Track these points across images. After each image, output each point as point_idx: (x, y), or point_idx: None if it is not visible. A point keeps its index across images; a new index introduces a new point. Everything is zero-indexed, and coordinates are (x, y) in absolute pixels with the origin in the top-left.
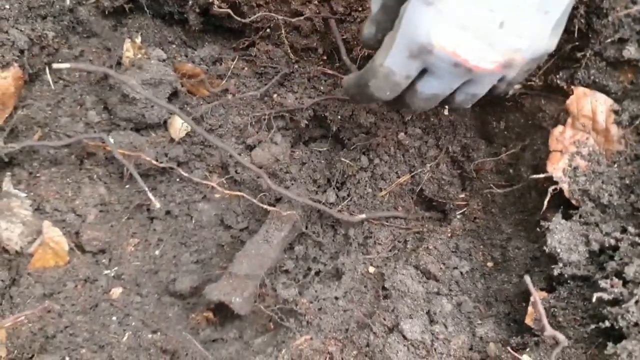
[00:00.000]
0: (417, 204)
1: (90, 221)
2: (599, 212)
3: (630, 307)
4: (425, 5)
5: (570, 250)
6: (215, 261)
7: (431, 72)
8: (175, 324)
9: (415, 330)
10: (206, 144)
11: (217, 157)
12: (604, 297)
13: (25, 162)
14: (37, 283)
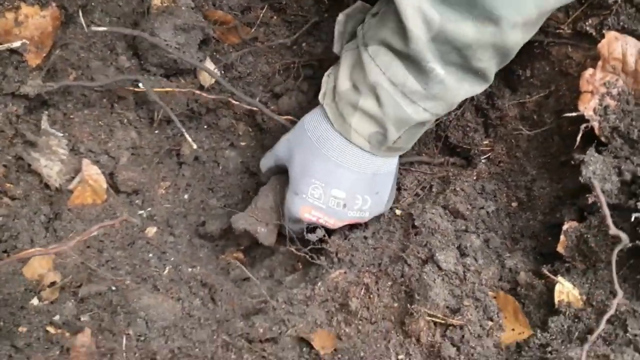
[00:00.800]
0: (441, 152)
1: (123, 163)
2: (628, 147)
3: None
4: (295, 195)
5: (604, 179)
6: (241, 207)
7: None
8: (206, 264)
9: (449, 262)
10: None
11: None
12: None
13: (60, 103)
14: (77, 219)
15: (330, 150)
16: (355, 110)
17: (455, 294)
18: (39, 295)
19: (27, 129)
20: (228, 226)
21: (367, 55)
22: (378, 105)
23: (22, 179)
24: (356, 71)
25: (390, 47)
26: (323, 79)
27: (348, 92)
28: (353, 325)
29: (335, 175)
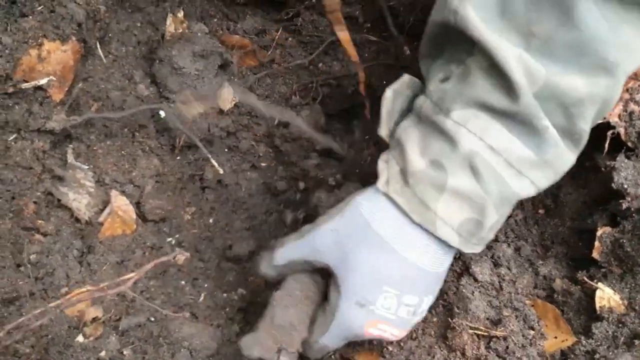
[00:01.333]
0: None
1: (148, 191)
2: None
3: None
4: (359, 307)
5: (637, 184)
6: (265, 227)
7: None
8: (237, 287)
9: (485, 273)
10: (253, 114)
11: (263, 127)
12: None
13: (83, 136)
14: (109, 251)
15: (409, 249)
16: (442, 193)
17: (494, 305)
18: (82, 332)
19: (54, 164)
20: (254, 247)
21: (451, 122)
22: (476, 180)
23: (52, 215)
24: (433, 146)
25: (488, 107)
26: (379, 166)
27: (427, 171)
28: (395, 342)
29: (411, 279)
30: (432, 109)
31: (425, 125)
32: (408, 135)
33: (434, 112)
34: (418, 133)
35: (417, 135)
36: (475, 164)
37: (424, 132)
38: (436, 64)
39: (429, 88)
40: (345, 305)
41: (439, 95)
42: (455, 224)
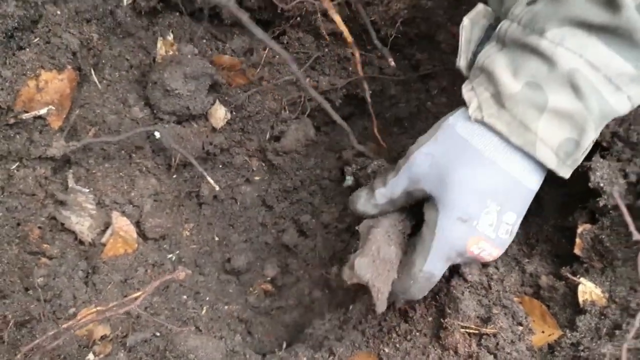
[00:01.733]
0: None
1: (147, 210)
2: (629, 150)
3: None
4: (461, 222)
5: (612, 182)
6: (262, 239)
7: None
8: (237, 298)
9: (474, 273)
10: (245, 130)
11: (255, 142)
12: None
13: (82, 160)
14: (113, 270)
15: (511, 163)
16: (542, 113)
17: (484, 304)
18: (92, 350)
19: (56, 189)
20: (252, 260)
21: (546, 42)
22: (577, 98)
23: (57, 238)
24: (527, 68)
25: (585, 23)
26: (465, 95)
27: (525, 93)
28: (390, 344)
29: (512, 194)
30: (521, 32)
31: (513, 48)
32: (494, 61)
33: (525, 34)
34: (506, 58)
35: (506, 60)
36: (576, 81)
37: (514, 55)
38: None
39: (513, 12)
40: (446, 221)
41: (528, 17)
42: (555, 145)
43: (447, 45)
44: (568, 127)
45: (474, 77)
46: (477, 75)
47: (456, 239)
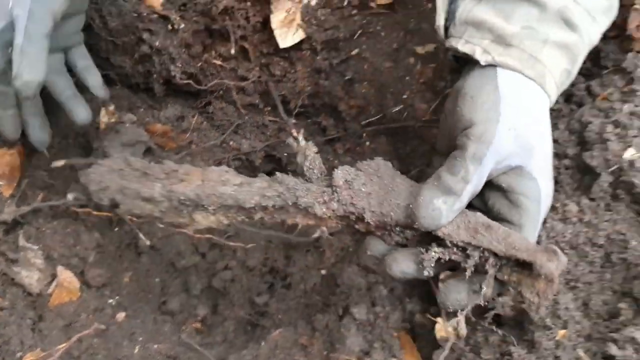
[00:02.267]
0: None
1: (90, 262)
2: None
3: None
4: (553, 182)
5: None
6: (195, 282)
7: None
8: (171, 336)
9: (362, 312)
10: None
11: None
12: None
13: (33, 220)
14: (58, 317)
15: (536, 102)
16: (545, 44)
17: (367, 339)
18: None
19: (8, 249)
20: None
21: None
22: (572, 30)
23: (7, 291)
24: (517, 14)
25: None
26: (464, 49)
27: (526, 31)
28: None
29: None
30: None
31: (493, 1)
32: (479, 13)
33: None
34: (490, 8)
35: (492, 10)
36: (567, 16)
37: (499, 5)
38: None
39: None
40: (546, 187)
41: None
42: (557, 75)
43: (347, 114)
44: (566, 58)
45: (460, 32)
46: (464, 31)
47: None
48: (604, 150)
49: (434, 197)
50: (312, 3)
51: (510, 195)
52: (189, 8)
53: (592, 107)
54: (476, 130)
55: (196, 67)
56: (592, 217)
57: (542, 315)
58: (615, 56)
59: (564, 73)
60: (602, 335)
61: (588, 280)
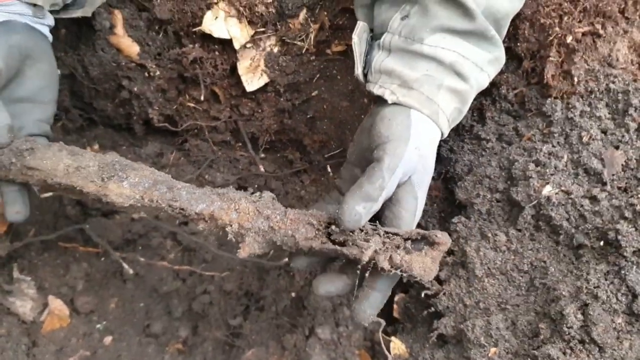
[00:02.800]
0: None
1: (79, 290)
2: None
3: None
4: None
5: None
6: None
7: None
8: (155, 357)
9: (326, 332)
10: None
11: (168, 227)
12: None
13: (25, 254)
14: (50, 342)
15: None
16: (439, 89)
17: (331, 357)
18: None
19: (2, 281)
20: (167, 324)
21: (427, 47)
22: (462, 80)
23: (3, 320)
24: (419, 66)
25: (451, 30)
26: (376, 91)
27: (426, 77)
28: None
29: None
30: (404, 42)
31: (400, 54)
32: (389, 64)
33: (408, 43)
34: (397, 60)
35: (399, 62)
36: (458, 69)
37: (404, 59)
38: (382, 9)
39: (392, 26)
40: (423, 199)
41: (407, 30)
42: (448, 113)
43: (311, 148)
44: (457, 99)
45: (375, 79)
46: (378, 77)
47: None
48: (527, 187)
49: (355, 204)
50: (275, 51)
51: (394, 208)
52: (164, 57)
53: (519, 147)
54: (391, 146)
55: (172, 109)
56: (519, 246)
57: (477, 335)
58: (537, 100)
59: (455, 111)
60: (526, 352)
61: (516, 302)
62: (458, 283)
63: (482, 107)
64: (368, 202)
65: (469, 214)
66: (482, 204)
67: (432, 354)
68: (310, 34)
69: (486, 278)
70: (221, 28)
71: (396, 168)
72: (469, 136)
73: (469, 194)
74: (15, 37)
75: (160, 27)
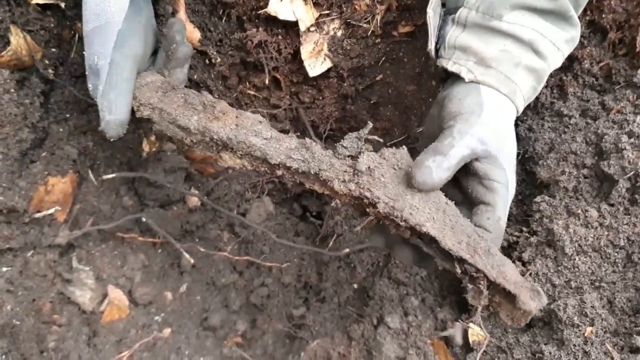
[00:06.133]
0: None
1: (137, 281)
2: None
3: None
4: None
5: None
6: (234, 299)
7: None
8: (214, 350)
9: (395, 322)
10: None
11: (225, 219)
12: None
13: (83, 244)
14: (110, 333)
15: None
16: (517, 67)
17: (403, 347)
18: None
19: (63, 270)
20: (225, 317)
21: (506, 24)
22: (540, 58)
23: (64, 309)
24: (496, 43)
25: (531, 8)
26: (452, 67)
27: (503, 54)
28: None
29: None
30: (481, 17)
31: (476, 30)
32: (465, 40)
33: (485, 19)
34: (473, 36)
35: (474, 38)
36: (536, 47)
37: (480, 35)
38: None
39: (468, 1)
40: (512, 176)
41: (485, 6)
42: (525, 91)
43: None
44: (533, 78)
45: (449, 55)
46: (452, 53)
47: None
48: (620, 159)
49: (425, 159)
50: (338, 34)
51: (484, 182)
52: (225, 43)
53: (607, 120)
54: (462, 117)
55: (232, 97)
56: (612, 221)
57: (570, 315)
58: (625, 72)
59: (531, 90)
60: (628, 330)
61: (612, 279)
62: (545, 263)
63: (563, 84)
64: (437, 156)
65: (552, 193)
66: (568, 181)
67: (516, 338)
68: (377, 15)
69: (577, 256)
70: (287, 10)
71: (466, 134)
72: (549, 113)
73: (552, 172)
74: (142, 14)
75: (223, 11)
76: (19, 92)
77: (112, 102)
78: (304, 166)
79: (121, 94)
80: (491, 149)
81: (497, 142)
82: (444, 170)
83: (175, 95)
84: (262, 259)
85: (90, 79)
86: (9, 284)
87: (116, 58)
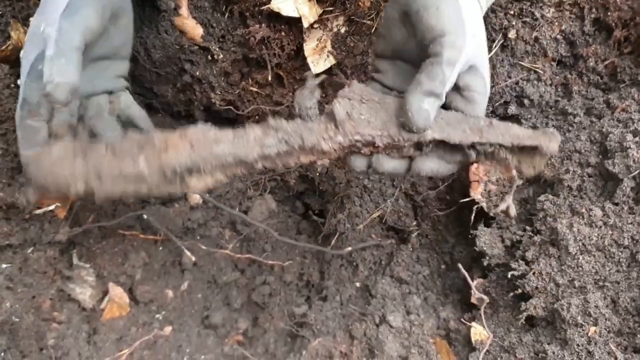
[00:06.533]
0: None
1: (138, 279)
2: (507, 219)
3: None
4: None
5: (492, 247)
6: (236, 297)
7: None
8: (215, 348)
9: (397, 320)
10: (217, 207)
11: (227, 216)
12: (515, 273)
13: (84, 241)
14: (110, 331)
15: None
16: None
17: (405, 345)
18: None
19: (63, 267)
20: (226, 316)
21: None
22: None
23: (64, 307)
24: None
25: None
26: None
27: None
28: None
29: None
30: None
31: None
32: None
33: None
34: None
35: None
36: None
37: None
38: None
39: None
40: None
41: None
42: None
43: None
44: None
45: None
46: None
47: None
48: (625, 158)
49: (420, 101)
50: (342, 31)
51: (464, 93)
52: (227, 39)
53: (612, 119)
54: (449, 39)
55: (234, 94)
56: (617, 220)
57: (574, 314)
58: (631, 70)
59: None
60: (631, 330)
61: (616, 279)
62: (548, 262)
63: (567, 82)
64: (431, 98)
65: (556, 191)
66: (572, 180)
67: (519, 337)
68: (381, 12)
69: (581, 255)
70: (290, 6)
71: (456, 62)
72: (553, 112)
73: (556, 170)
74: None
75: (226, 7)
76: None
77: (63, 67)
78: (284, 147)
79: (71, 62)
80: (473, 61)
81: (478, 52)
82: (437, 110)
83: (99, 151)
84: (264, 257)
85: (28, 50)
86: (8, 281)
87: (65, 26)
